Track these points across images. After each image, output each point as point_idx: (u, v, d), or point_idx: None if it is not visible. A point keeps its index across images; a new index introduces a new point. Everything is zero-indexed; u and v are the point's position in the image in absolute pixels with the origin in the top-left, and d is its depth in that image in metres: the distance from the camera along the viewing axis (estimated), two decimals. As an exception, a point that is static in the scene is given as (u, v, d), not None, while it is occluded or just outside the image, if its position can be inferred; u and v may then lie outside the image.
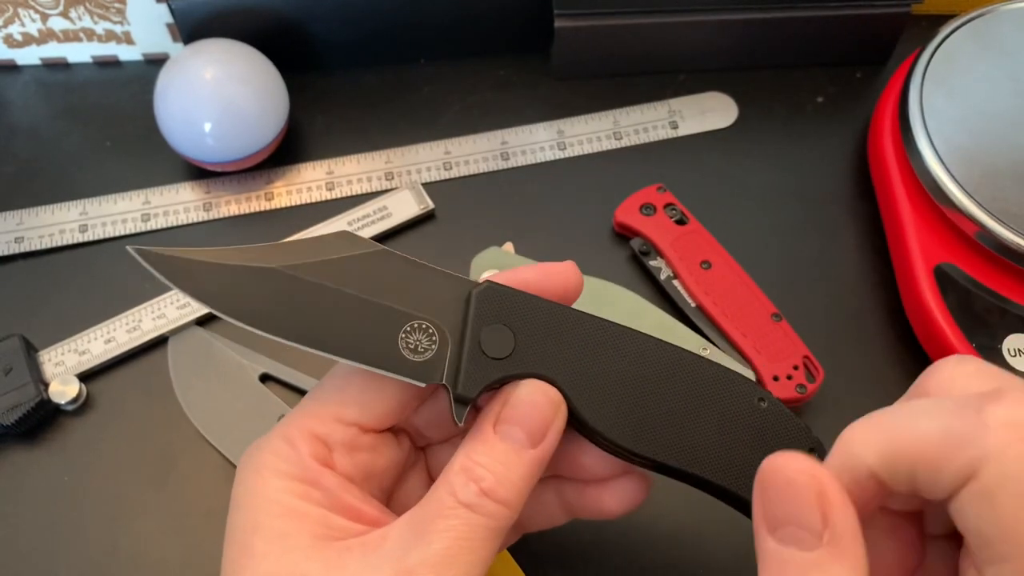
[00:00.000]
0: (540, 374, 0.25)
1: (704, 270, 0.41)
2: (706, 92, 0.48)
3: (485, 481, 0.24)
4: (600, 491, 0.28)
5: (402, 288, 0.25)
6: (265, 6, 0.45)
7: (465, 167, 0.45)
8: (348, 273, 0.25)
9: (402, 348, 0.25)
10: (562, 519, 0.29)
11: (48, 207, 0.43)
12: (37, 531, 0.37)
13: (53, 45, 0.48)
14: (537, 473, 0.25)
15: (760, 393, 0.26)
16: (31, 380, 0.37)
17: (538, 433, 0.25)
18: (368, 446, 0.26)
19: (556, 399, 0.25)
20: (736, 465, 0.26)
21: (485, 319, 0.25)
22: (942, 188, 0.38)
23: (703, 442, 0.26)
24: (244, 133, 0.42)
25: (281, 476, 0.25)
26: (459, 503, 0.24)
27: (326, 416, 0.26)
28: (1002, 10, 0.43)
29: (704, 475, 0.26)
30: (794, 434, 0.26)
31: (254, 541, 0.24)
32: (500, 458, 0.24)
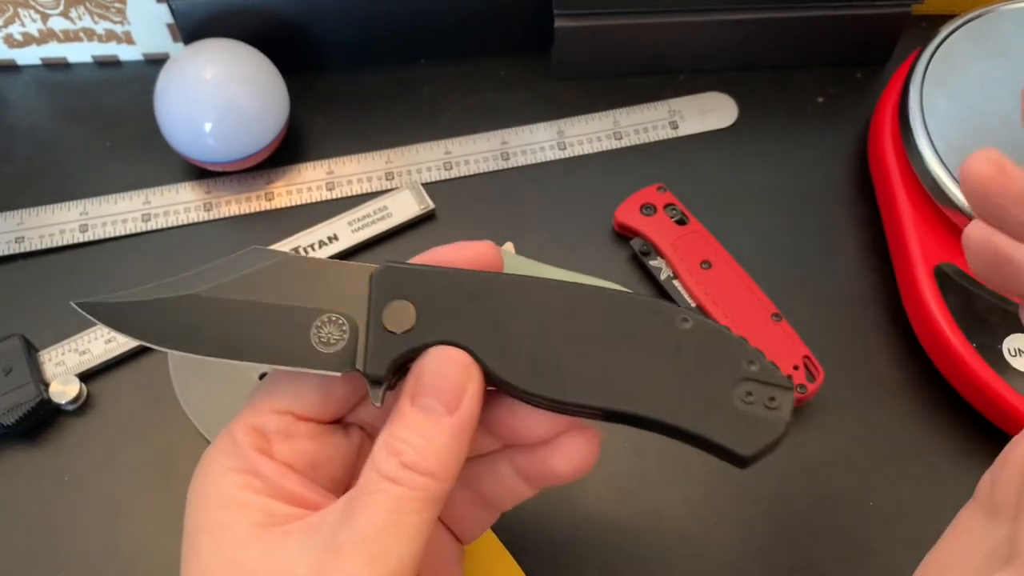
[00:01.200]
0: (447, 340, 0.25)
1: (704, 270, 0.41)
2: (706, 92, 0.48)
3: (406, 454, 0.24)
4: (547, 454, 0.27)
5: (311, 287, 0.26)
6: (265, 6, 0.45)
7: (465, 167, 0.45)
8: (259, 284, 0.26)
9: (315, 343, 0.26)
10: (528, 491, 0.29)
11: (48, 207, 0.43)
12: (37, 531, 0.37)
13: (53, 45, 0.48)
14: (462, 440, 0.25)
15: (683, 314, 0.25)
16: (31, 380, 0.37)
17: (452, 399, 0.24)
18: (307, 435, 0.26)
19: (464, 362, 0.25)
20: (667, 395, 0.25)
21: (385, 297, 0.25)
22: (942, 188, 0.38)
23: (628, 378, 0.25)
24: (244, 133, 0.42)
25: (223, 470, 0.25)
26: (382, 477, 0.24)
27: (263, 408, 0.26)
28: (1002, 10, 0.43)
29: (635, 411, 0.25)
30: (727, 349, 0.25)
31: (200, 538, 0.25)
32: (418, 430, 0.24)
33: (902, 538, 0.36)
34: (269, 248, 0.27)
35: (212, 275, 0.27)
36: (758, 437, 0.24)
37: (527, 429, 0.27)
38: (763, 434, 0.24)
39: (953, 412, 0.39)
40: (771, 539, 0.36)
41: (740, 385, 0.25)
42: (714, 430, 0.24)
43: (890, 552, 0.36)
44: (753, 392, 0.25)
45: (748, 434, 0.24)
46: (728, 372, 0.25)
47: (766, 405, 0.24)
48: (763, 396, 0.25)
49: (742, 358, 0.25)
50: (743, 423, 0.24)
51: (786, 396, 0.25)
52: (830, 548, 0.36)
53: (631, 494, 0.37)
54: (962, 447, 0.38)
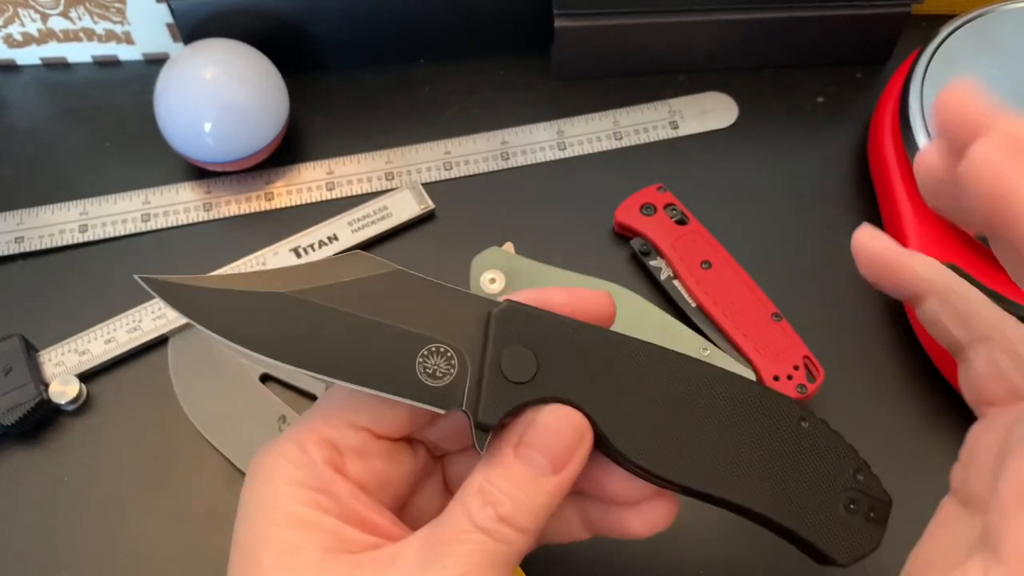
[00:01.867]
0: (563, 397, 0.24)
1: (704, 270, 0.41)
2: (706, 92, 0.48)
3: (503, 507, 0.23)
4: (626, 513, 0.27)
5: (418, 310, 0.24)
6: (265, 6, 0.45)
7: (465, 167, 0.45)
8: (361, 296, 0.24)
9: (420, 373, 0.24)
10: (583, 535, 0.28)
11: (48, 207, 0.43)
12: (37, 531, 0.37)
13: (53, 45, 0.48)
14: (558, 500, 0.24)
15: (802, 413, 0.25)
16: (31, 380, 0.37)
17: (560, 460, 0.24)
18: (381, 453, 0.26)
19: (580, 425, 0.24)
20: (775, 491, 0.25)
21: (505, 340, 0.24)
22: (942, 188, 0.38)
23: (739, 467, 0.25)
24: (244, 133, 0.42)
25: (292, 483, 0.24)
26: (475, 527, 0.23)
27: (338, 421, 0.25)
28: (1002, 10, 0.43)
29: (740, 502, 0.25)
30: (838, 456, 0.25)
31: (262, 553, 0.23)
32: (519, 483, 0.24)
33: (902, 537, 0.36)
34: (376, 257, 0.25)
35: (304, 275, 0.24)
36: (856, 546, 0.25)
37: (617, 491, 0.27)
38: (861, 544, 0.25)
39: (953, 412, 0.39)
40: (771, 539, 0.36)
41: (846, 492, 0.25)
42: (817, 534, 0.25)
43: (890, 551, 0.36)
44: (856, 502, 0.25)
45: (847, 542, 0.25)
46: (837, 479, 0.25)
47: (866, 516, 0.25)
48: (864, 507, 0.25)
49: (851, 467, 0.25)
50: (844, 531, 0.25)
51: (885, 509, 0.26)
52: (830, 548, 0.36)
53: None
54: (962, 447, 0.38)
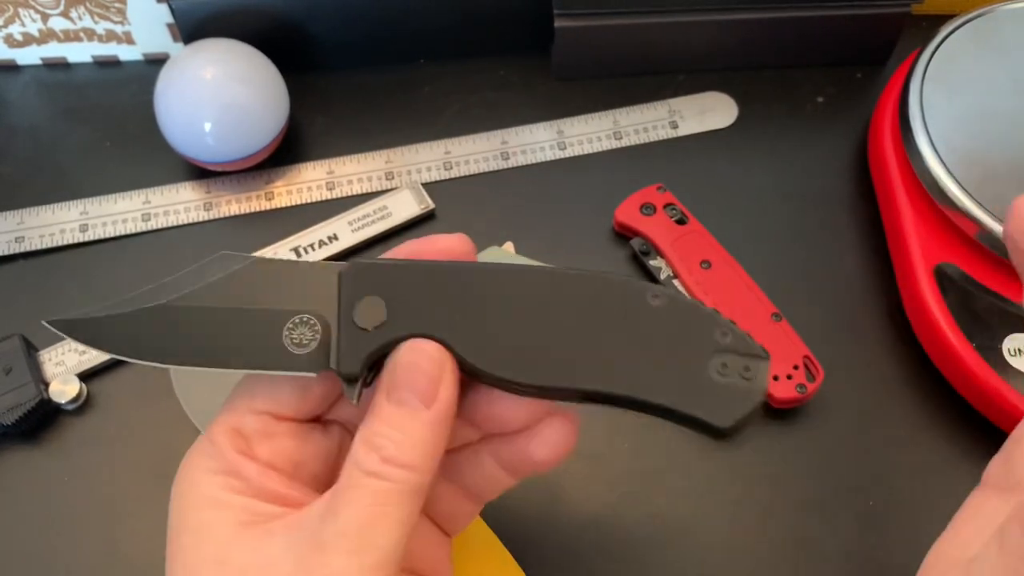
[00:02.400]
0: (418, 333, 0.25)
1: (704, 270, 0.41)
2: (706, 92, 0.48)
3: (385, 449, 0.24)
4: (526, 441, 0.27)
5: (281, 289, 0.26)
6: (265, 6, 0.45)
7: (465, 167, 0.45)
8: (229, 289, 0.26)
9: (288, 345, 0.25)
10: (509, 480, 0.29)
11: (48, 207, 0.43)
12: (37, 531, 0.37)
13: (53, 45, 0.48)
14: (440, 431, 0.25)
15: (653, 291, 0.25)
16: (31, 380, 0.37)
17: (428, 392, 0.24)
18: (287, 434, 0.26)
19: (437, 354, 0.25)
20: (642, 372, 0.24)
21: (355, 295, 0.25)
22: (942, 188, 0.38)
23: (601, 358, 0.25)
24: (244, 133, 0.42)
25: (205, 471, 0.25)
26: (363, 472, 0.24)
27: (240, 409, 0.26)
28: (1002, 10, 0.43)
29: (611, 390, 0.25)
30: (699, 322, 0.25)
31: (182, 535, 0.25)
32: (396, 424, 0.24)
33: (902, 537, 0.36)
34: (236, 253, 0.27)
35: (181, 284, 0.26)
36: (734, 408, 0.24)
37: (505, 416, 0.27)
38: (739, 405, 0.24)
39: (953, 411, 0.39)
40: (772, 539, 0.36)
41: (714, 357, 0.24)
42: (690, 404, 0.24)
43: (890, 551, 0.36)
44: (728, 364, 0.24)
45: (724, 406, 0.24)
46: (701, 345, 0.25)
47: (742, 376, 0.24)
48: (738, 367, 0.24)
49: (715, 330, 0.25)
50: (719, 395, 0.24)
51: (761, 365, 0.24)
52: (831, 548, 0.36)
53: (631, 495, 0.37)
54: (962, 446, 0.38)
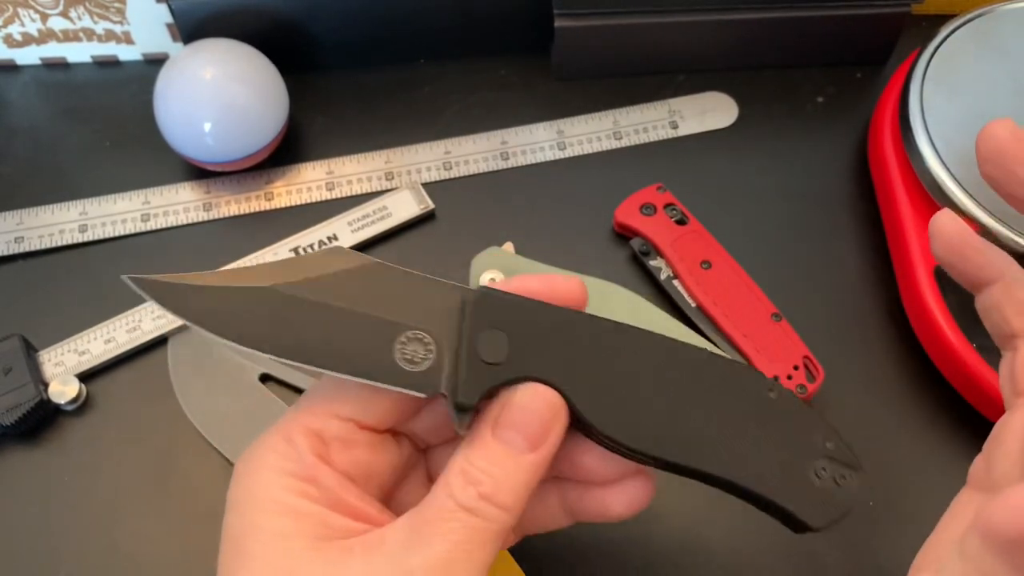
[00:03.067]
0: (538, 376, 0.25)
1: (704, 270, 0.41)
2: (706, 92, 0.48)
3: (484, 485, 0.24)
4: (604, 493, 0.27)
5: (396, 299, 0.25)
6: (265, 6, 0.45)
7: (465, 167, 0.45)
8: (341, 288, 0.25)
9: (398, 359, 0.25)
10: (565, 521, 0.29)
11: (48, 207, 0.43)
12: (37, 531, 0.36)
13: (53, 45, 0.48)
14: (537, 477, 0.25)
15: (769, 384, 0.26)
16: (31, 380, 0.37)
17: (537, 437, 0.24)
18: (366, 443, 0.26)
19: (554, 401, 0.25)
20: (747, 460, 0.25)
21: (480, 325, 0.25)
22: (942, 188, 0.38)
23: (710, 437, 0.25)
24: (244, 133, 0.42)
25: (280, 473, 0.24)
26: (458, 506, 0.24)
27: (323, 412, 0.26)
28: (1002, 10, 0.43)
29: (712, 471, 0.25)
30: (807, 424, 0.26)
31: (251, 543, 0.24)
32: (498, 462, 0.24)
33: (903, 537, 0.36)
34: (351, 250, 0.26)
35: (292, 270, 0.25)
36: (829, 511, 0.26)
37: (594, 468, 0.27)
38: (834, 509, 0.26)
39: (953, 412, 0.39)
40: (771, 539, 0.36)
41: (816, 460, 0.26)
42: (789, 500, 0.25)
43: (891, 551, 0.36)
44: (827, 469, 0.26)
45: (820, 507, 0.26)
46: (806, 446, 0.26)
47: (836, 481, 0.26)
48: (835, 473, 0.26)
49: (821, 435, 0.26)
50: (816, 496, 0.26)
51: (856, 475, 0.26)
52: (831, 548, 0.36)
53: (631, 494, 0.37)
54: (962, 446, 0.38)
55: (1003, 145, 0.27)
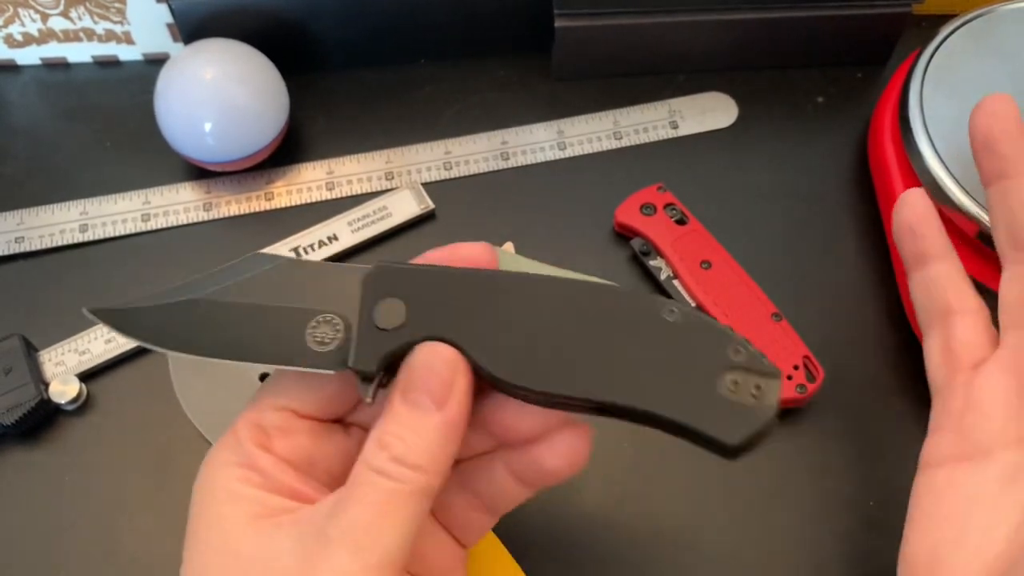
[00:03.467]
0: (435, 336, 0.25)
1: (704, 270, 0.41)
2: (706, 92, 0.48)
3: (395, 448, 0.24)
4: (538, 451, 0.27)
5: (306, 289, 0.27)
6: (265, 6, 0.45)
7: (465, 167, 0.45)
8: (258, 288, 0.27)
9: (310, 343, 0.26)
10: (523, 492, 0.29)
11: (48, 207, 0.43)
12: (37, 531, 0.37)
13: (53, 45, 0.48)
14: (451, 435, 0.25)
15: (670, 306, 0.25)
16: (31, 380, 0.37)
17: (440, 394, 0.25)
18: (306, 431, 0.27)
19: (451, 356, 0.25)
20: (653, 385, 0.25)
21: (377, 296, 0.26)
22: (942, 188, 0.38)
23: (613, 369, 0.25)
24: (244, 133, 0.42)
25: (224, 464, 0.26)
26: (371, 469, 0.24)
27: (263, 405, 0.27)
28: (1002, 10, 0.43)
29: (620, 402, 0.25)
30: (713, 339, 0.25)
31: (198, 526, 0.26)
32: (408, 424, 0.25)
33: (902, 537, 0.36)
34: (269, 253, 0.28)
35: (213, 280, 0.27)
36: (744, 426, 0.24)
37: (518, 425, 0.27)
38: (749, 422, 0.24)
39: (953, 412, 0.39)
40: (771, 539, 0.36)
41: (726, 374, 0.25)
42: (700, 419, 0.24)
43: (891, 551, 0.36)
44: (739, 381, 0.24)
45: (734, 423, 0.24)
46: (714, 361, 0.25)
47: (752, 394, 0.24)
48: (749, 385, 0.24)
49: (728, 347, 0.25)
50: (729, 412, 0.24)
51: (772, 384, 0.24)
52: (830, 548, 0.36)
53: (630, 495, 0.37)
54: (962, 447, 0.38)
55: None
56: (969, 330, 0.30)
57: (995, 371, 0.29)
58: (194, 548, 0.26)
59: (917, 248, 0.31)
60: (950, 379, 0.30)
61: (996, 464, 0.27)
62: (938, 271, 0.31)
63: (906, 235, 0.32)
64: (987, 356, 0.29)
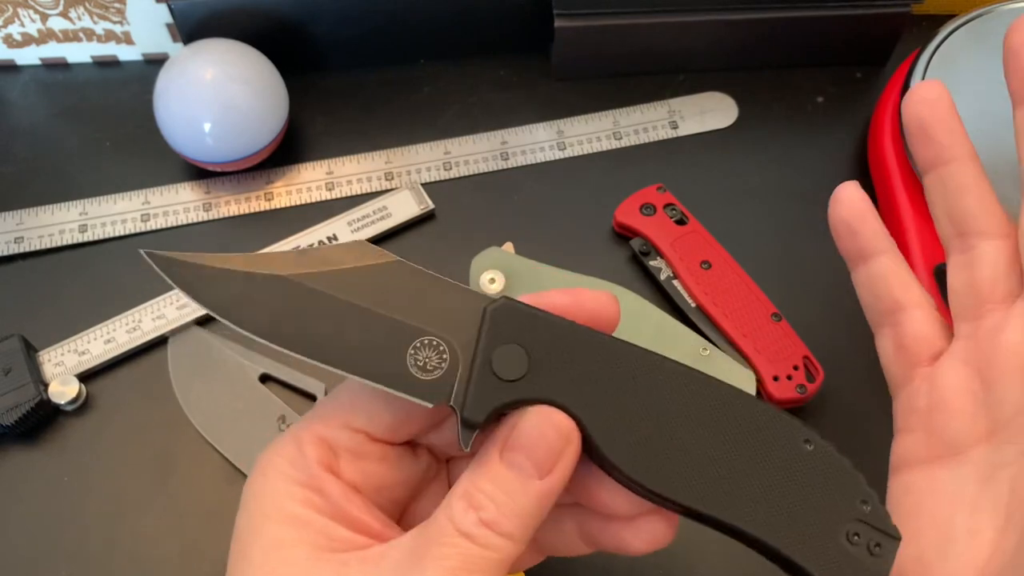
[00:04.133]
0: (554, 400, 0.23)
1: (704, 270, 0.41)
2: (706, 92, 0.48)
3: (486, 511, 0.23)
4: (623, 528, 0.26)
5: (414, 301, 0.24)
6: (265, 6, 0.45)
7: (465, 167, 0.45)
8: (359, 284, 0.24)
9: (410, 365, 0.24)
10: (584, 550, 0.28)
11: (48, 207, 0.43)
12: (37, 531, 0.36)
13: (53, 45, 0.48)
14: (545, 506, 0.24)
15: (806, 434, 0.24)
16: (31, 380, 0.37)
17: (546, 464, 0.23)
18: (377, 456, 0.25)
19: (567, 428, 0.23)
20: (775, 516, 0.23)
21: (499, 338, 0.24)
22: (942, 188, 0.38)
23: (736, 488, 0.23)
24: (244, 133, 0.42)
25: (286, 480, 0.24)
26: (457, 531, 0.23)
27: (335, 422, 0.25)
28: (1002, 10, 0.43)
29: (735, 524, 0.24)
30: (844, 482, 0.24)
31: (252, 547, 0.24)
32: (503, 487, 0.23)
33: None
34: (379, 248, 0.25)
35: (303, 260, 0.24)
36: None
37: (610, 503, 0.25)
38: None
39: (953, 412, 0.39)
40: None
41: (850, 524, 0.24)
42: (813, 563, 0.23)
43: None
44: (860, 534, 0.24)
45: (846, 575, 0.23)
46: (841, 507, 0.24)
47: (870, 550, 0.24)
48: (869, 540, 0.24)
49: (857, 496, 0.24)
50: (844, 563, 0.23)
51: (891, 545, 0.24)
52: (830, 548, 0.36)
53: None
54: (962, 447, 0.38)
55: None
56: (919, 323, 0.29)
57: (954, 364, 0.28)
58: (244, 570, 0.24)
59: (856, 245, 0.30)
60: (908, 375, 0.29)
61: (970, 463, 0.27)
62: (880, 266, 0.30)
63: (843, 232, 0.30)
64: (942, 348, 0.28)
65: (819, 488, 0.24)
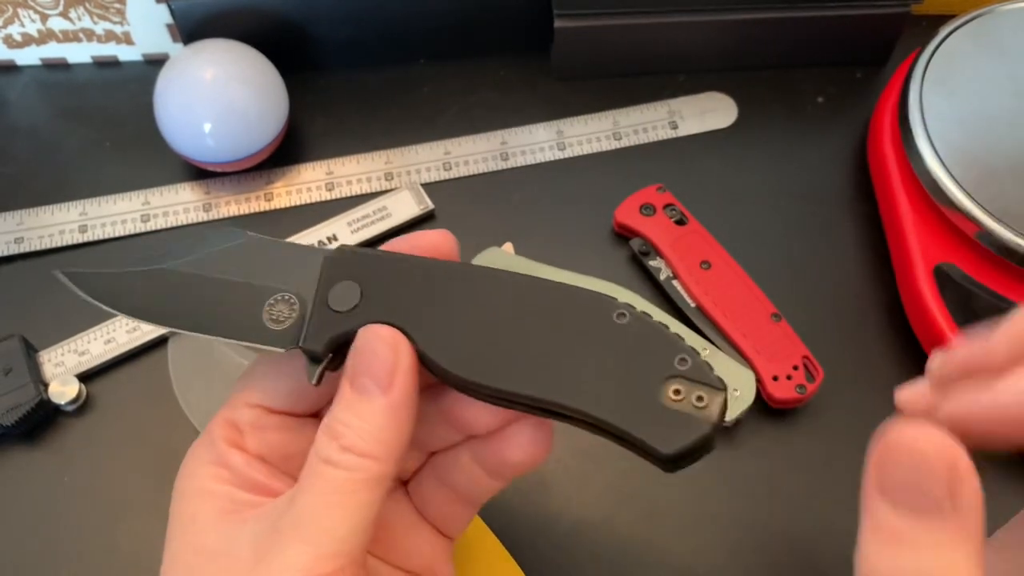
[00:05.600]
0: (383, 320, 0.25)
1: (704, 270, 0.41)
2: (706, 92, 0.48)
3: (344, 437, 0.24)
4: (500, 443, 0.27)
5: (269, 267, 0.27)
6: (265, 6, 0.45)
7: (465, 167, 0.45)
8: (222, 262, 0.27)
9: (266, 320, 0.26)
10: (495, 483, 0.28)
11: (48, 207, 0.43)
12: (37, 531, 0.37)
13: (53, 45, 0.48)
14: (399, 420, 0.25)
15: (621, 308, 0.24)
16: (31, 380, 0.37)
17: (384, 378, 0.24)
18: (278, 427, 0.27)
19: (392, 338, 0.25)
20: (594, 387, 0.24)
21: (334, 278, 0.26)
22: (942, 188, 0.38)
23: (555, 367, 0.24)
24: (244, 133, 0.42)
25: (198, 462, 0.27)
26: (321, 461, 0.24)
27: (236, 402, 0.27)
28: (1002, 10, 0.43)
29: (559, 401, 0.24)
30: (659, 346, 0.24)
31: (173, 526, 0.26)
32: (355, 411, 0.24)
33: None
34: (234, 228, 0.28)
35: (181, 251, 0.28)
36: (680, 436, 0.23)
37: (477, 418, 0.27)
38: (686, 433, 0.23)
39: (953, 412, 0.39)
40: (771, 540, 0.36)
41: (669, 382, 0.24)
42: (636, 426, 0.23)
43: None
44: (682, 390, 0.24)
45: (670, 432, 0.23)
46: (659, 368, 0.24)
47: (694, 404, 0.23)
48: (691, 394, 0.23)
49: (674, 355, 0.24)
50: (667, 421, 0.23)
51: (716, 396, 0.23)
52: (829, 548, 0.36)
53: (629, 497, 0.37)
54: (962, 447, 0.38)
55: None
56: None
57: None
58: (168, 546, 0.26)
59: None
60: None
61: None
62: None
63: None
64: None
65: (636, 355, 0.24)
